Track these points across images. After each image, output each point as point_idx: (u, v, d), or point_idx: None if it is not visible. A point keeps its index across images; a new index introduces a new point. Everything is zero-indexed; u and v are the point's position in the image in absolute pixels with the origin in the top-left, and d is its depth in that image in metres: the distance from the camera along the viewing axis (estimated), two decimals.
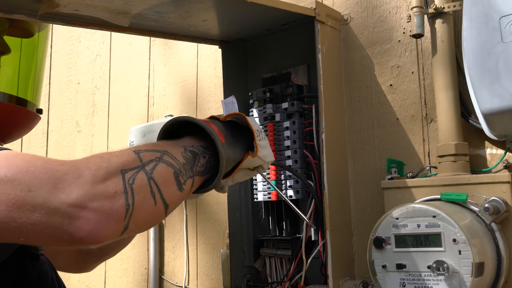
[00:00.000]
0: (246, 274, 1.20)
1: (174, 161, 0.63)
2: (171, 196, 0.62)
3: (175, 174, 0.63)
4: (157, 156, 0.62)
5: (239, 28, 1.16)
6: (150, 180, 0.60)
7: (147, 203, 0.59)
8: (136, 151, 0.61)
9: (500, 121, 0.88)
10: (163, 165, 0.62)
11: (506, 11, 0.84)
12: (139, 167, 0.59)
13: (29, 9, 0.83)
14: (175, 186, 0.63)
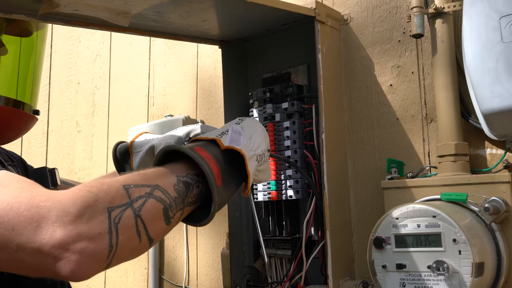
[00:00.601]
0: (246, 274, 1.20)
1: (165, 196, 0.62)
2: (157, 232, 0.62)
3: (164, 210, 0.62)
4: (147, 192, 0.60)
5: (239, 28, 1.16)
6: (137, 218, 0.58)
7: (132, 241, 0.59)
8: (125, 186, 0.59)
9: (500, 121, 0.88)
10: (152, 201, 0.60)
11: (506, 11, 0.84)
12: (127, 204, 0.58)
13: (29, 9, 0.83)
14: (163, 221, 0.62)
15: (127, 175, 0.62)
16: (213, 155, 0.69)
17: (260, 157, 0.76)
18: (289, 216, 1.15)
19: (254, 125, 0.79)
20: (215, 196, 0.65)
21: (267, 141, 0.80)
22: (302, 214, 1.13)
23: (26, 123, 0.97)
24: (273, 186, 1.12)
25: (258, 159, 0.76)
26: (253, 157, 0.74)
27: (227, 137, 0.73)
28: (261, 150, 0.77)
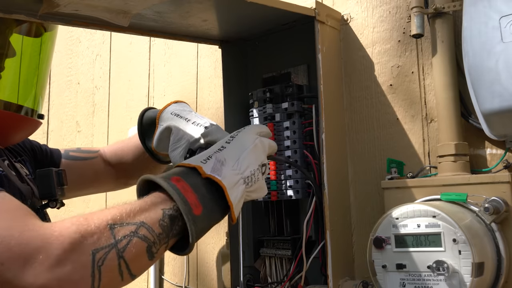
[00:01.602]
0: (246, 274, 1.20)
1: (149, 234, 0.62)
2: (139, 268, 0.63)
3: (148, 248, 0.62)
4: (132, 231, 0.61)
5: (239, 28, 1.16)
6: (120, 259, 0.59)
7: (114, 281, 0.60)
8: (111, 226, 0.60)
9: (500, 121, 0.88)
10: (137, 241, 0.61)
11: (506, 11, 0.84)
12: (111, 245, 0.59)
13: (29, 9, 0.83)
14: (146, 258, 0.63)
15: (114, 210, 0.62)
16: (191, 183, 0.67)
17: (249, 178, 0.74)
18: (289, 216, 1.14)
19: (245, 143, 0.76)
20: (191, 229, 0.65)
21: (260, 157, 0.77)
22: (302, 214, 1.13)
23: (31, 127, 0.98)
24: (273, 186, 1.12)
25: (247, 181, 0.74)
26: (239, 181, 0.72)
27: (210, 163, 0.71)
28: (250, 170, 0.74)
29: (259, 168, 0.76)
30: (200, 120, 0.87)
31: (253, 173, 0.75)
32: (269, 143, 0.81)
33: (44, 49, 1.00)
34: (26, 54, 0.96)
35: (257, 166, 0.76)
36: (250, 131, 0.79)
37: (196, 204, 0.66)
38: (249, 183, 0.74)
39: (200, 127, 0.86)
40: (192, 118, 0.88)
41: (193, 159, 0.73)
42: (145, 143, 0.97)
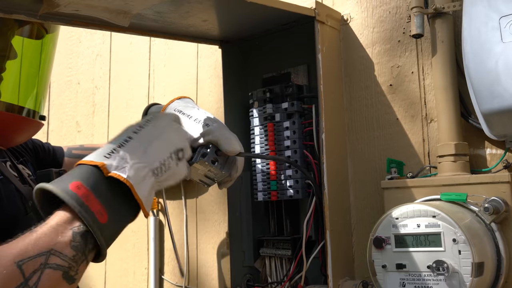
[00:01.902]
0: (246, 274, 1.20)
1: (62, 260, 0.59)
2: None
3: (64, 274, 0.59)
4: (41, 263, 0.57)
5: (239, 28, 1.16)
6: None
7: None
8: (18, 263, 0.56)
9: (500, 121, 0.88)
10: (49, 272, 0.58)
11: (506, 11, 0.84)
12: (21, 285, 0.55)
13: (29, 9, 0.83)
14: (66, 284, 0.60)
15: (19, 243, 0.58)
16: (94, 188, 0.63)
17: (159, 169, 0.71)
18: (289, 216, 1.15)
19: (153, 132, 0.73)
20: (99, 239, 0.62)
21: (172, 144, 0.74)
22: (302, 214, 1.13)
23: (33, 129, 0.98)
24: (273, 186, 1.12)
25: (156, 172, 0.70)
26: (148, 173, 0.69)
27: (114, 158, 0.67)
28: (160, 161, 0.71)
29: (171, 156, 0.73)
30: (203, 116, 0.86)
31: (163, 163, 0.71)
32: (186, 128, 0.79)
33: (45, 51, 1.00)
34: (27, 56, 0.96)
35: (168, 154, 0.73)
36: (160, 119, 0.76)
37: (101, 211, 0.62)
38: (159, 174, 0.71)
39: (201, 124, 0.85)
40: (194, 115, 0.87)
41: (97, 153, 0.68)
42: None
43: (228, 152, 0.83)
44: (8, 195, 0.83)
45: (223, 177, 0.88)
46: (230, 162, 0.87)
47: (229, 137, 0.83)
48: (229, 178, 0.89)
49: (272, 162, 1.12)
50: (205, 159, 0.82)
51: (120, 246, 1.77)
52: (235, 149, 0.83)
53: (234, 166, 0.87)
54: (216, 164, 0.84)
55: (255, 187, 1.16)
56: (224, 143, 0.82)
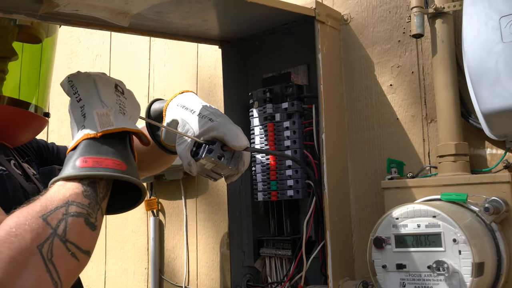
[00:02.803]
0: (246, 274, 1.20)
1: (80, 208, 0.63)
2: (88, 243, 0.64)
3: (86, 221, 0.63)
4: (63, 213, 0.61)
5: (239, 28, 1.16)
6: (66, 243, 0.60)
7: (71, 266, 0.61)
8: (42, 216, 0.60)
9: (500, 121, 0.88)
10: (72, 220, 0.62)
11: (506, 11, 0.84)
12: (52, 235, 0.59)
13: (29, 9, 0.83)
14: (89, 230, 0.64)
15: (38, 201, 0.62)
16: (97, 153, 0.67)
17: (120, 107, 0.74)
18: (289, 216, 1.14)
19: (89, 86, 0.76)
20: (140, 185, 0.67)
21: (108, 85, 0.77)
22: (302, 214, 1.13)
23: (39, 125, 0.98)
24: (273, 186, 1.12)
25: (122, 111, 0.74)
26: (119, 114, 0.73)
27: (92, 122, 0.70)
28: (115, 100, 0.75)
29: (116, 93, 0.77)
30: (206, 111, 0.86)
31: (118, 101, 0.75)
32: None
33: (45, 52, 1.01)
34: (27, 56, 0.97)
35: (113, 92, 0.76)
36: (81, 81, 0.78)
37: (115, 163, 0.67)
38: (125, 112, 0.75)
39: (206, 119, 0.84)
40: (198, 110, 0.86)
41: (74, 136, 0.72)
42: (154, 135, 0.96)
43: (235, 147, 0.82)
44: (13, 189, 0.84)
45: (230, 171, 0.86)
46: (236, 157, 0.85)
47: (236, 132, 0.82)
48: (236, 172, 0.88)
49: (272, 162, 1.12)
50: (211, 155, 0.81)
51: (120, 246, 1.77)
52: (242, 144, 0.82)
53: (241, 160, 0.86)
54: (222, 159, 0.82)
55: (255, 187, 1.16)
56: (230, 139, 0.81)
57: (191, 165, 0.81)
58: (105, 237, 1.83)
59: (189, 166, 0.82)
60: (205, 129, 0.82)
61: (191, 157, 0.81)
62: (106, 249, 1.82)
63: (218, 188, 1.47)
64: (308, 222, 1.06)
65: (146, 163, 1.02)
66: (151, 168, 1.05)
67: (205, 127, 0.82)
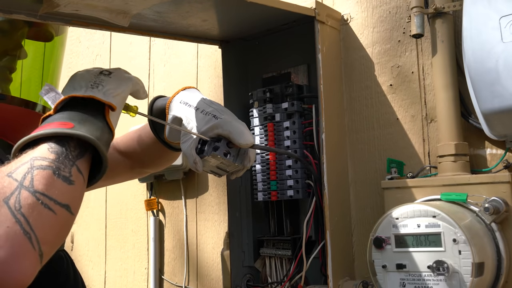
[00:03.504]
0: (246, 274, 1.20)
1: (46, 162, 0.60)
2: (65, 196, 0.60)
3: (55, 172, 0.59)
4: (28, 167, 0.59)
5: (239, 28, 1.16)
6: (35, 194, 0.57)
7: (46, 217, 0.57)
8: (8, 174, 0.58)
9: (500, 121, 0.88)
10: (39, 172, 0.59)
11: (506, 11, 0.84)
12: (18, 187, 0.56)
13: (29, 9, 0.83)
14: (62, 182, 0.60)
15: (4, 166, 0.60)
16: (56, 118, 0.66)
17: (95, 83, 0.72)
18: (289, 216, 1.15)
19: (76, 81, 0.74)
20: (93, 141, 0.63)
21: (91, 72, 0.76)
22: (302, 214, 1.13)
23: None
24: (273, 186, 1.12)
25: (92, 86, 0.72)
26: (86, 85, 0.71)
27: (49, 97, 0.69)
28: (90, 81, 0.72)
29: (97, 76, 0.74)
30: (210, 107, 0.84)
31: (95, 80, 0.73)
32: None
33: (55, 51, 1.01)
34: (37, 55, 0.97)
35: (94, 76, 0.74)
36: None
37: (63, 124, 0.64)
38: (94, 85, 0.72)
39: (210, 116, 0.83)
40: (201, 107, 0.85)
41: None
42: (157, 133, 0.95)
43: (242, 145, 0.80)
44: None
45: (235, 168, 0.86)
46: (242, 153, 0.85)
47: (242, 130, 0.80)
48: (241, 167, 0.87)
49: (272, 162, 1.12)
50: (217, 152, 0.80)
51: (120, 246, 1.77)
52: (248, 142, 0.80)
53: (247, 156, 0.85)
54: (228, 156, 0.82)
55: (255, 187, 1.16)
56: (236, 136, 0.79)
57: (196, 163, 0.80)
58: (105, 237, 1.83)
59: (195, 164, 0.81)
60: (209, 126, 0.81)
61: (196, 155, 0.81)
62: (106, 249, 1.82)
63: (218, 188, 1.47)
64: (308, 222, 1.06)
65: (150, 160, 1.02)
66: (155, 165, 1.04)
67: (210, 124, 0.81)
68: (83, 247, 1.92)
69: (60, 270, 0.79)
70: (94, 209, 1.90)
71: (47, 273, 0.76)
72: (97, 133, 0.65)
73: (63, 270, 0.80)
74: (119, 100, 0.73)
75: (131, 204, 1.75)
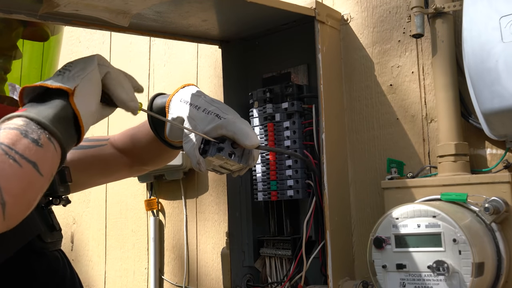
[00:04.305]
0: (246, 274, 1.20)
1: (13, 124, 0.60)
2: (32, 153, 0.58)
3: (22, 133, 0.59)
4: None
5: (239, 28, 1.16)
6: (0, 145, 0.56)
7: (11, 168, 0.55)
8: None
9: (500, 121, 0.88)
10: (6, 130, 0.58)
11: (506, 11, 0.84)
12: None
13: (29, 9, 0.83)
14: (30, 142, 0.59)
15: None
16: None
17: (63, 69, 0.71)
18: (289, 216, 1.15)
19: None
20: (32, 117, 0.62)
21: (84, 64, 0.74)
22: (302, 214, 1.13)
23: None
24: (273, 186, 1.12)
25: (60, 72, 0.71)
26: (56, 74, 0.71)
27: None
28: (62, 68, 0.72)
29: (65, 65, 0.73)
30: (212, 106, 0.83)
31: (62, 68, 0.72)
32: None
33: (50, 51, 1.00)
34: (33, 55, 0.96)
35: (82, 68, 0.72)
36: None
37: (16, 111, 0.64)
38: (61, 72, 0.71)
39: (212, 115, 0.82)
40: (203, 105, 0.83)
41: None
42: (157, 131, 0.94)
43: (247, 146, 0.78)
44: None
45: (240, 168, 0.85)
46: (247, 153, 0.83)
47: (247, 131, 0.78)
48: (245, 166, 0.86)
49: (272, 162, 1.12)
50: (222, 153, 0.79)
51: (120, 246, 1.77)
52: (254, 143, 0.78)
53: (251, 156, 0.83)
54: (233, 157, 0.81)
55: (255, 187, 1.16)
56: (242, 138, 0.78)
57: (200, 164, 0.80)
58: (105, 237, 1.83)
59: (198, 165, 0.80)
60: (213, 126, 0.79)
61: (200, 156, 0.79)
62: (106, 249, 1.82)
63: (218, 188, 1.47)
64: (308, 222, 1.06)
65: (149, 158, 1.01)
66: (154, 163, 1.04)
67: (213, 124, 0.80)
68: (83, 247, 1.93)
69: (56, 270, 0.79)
70: (94, 209, 1.90)
71: (44, 272, 0.76)
72: (48, 111, 0.64)
73: (59, 270, 0.80)
74: (90, 79, 0.71)
75: (131, 204, 1.75)
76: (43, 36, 0.97)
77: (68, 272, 0.82)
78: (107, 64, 0.75)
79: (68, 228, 1.99)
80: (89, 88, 0.71)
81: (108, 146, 1.06)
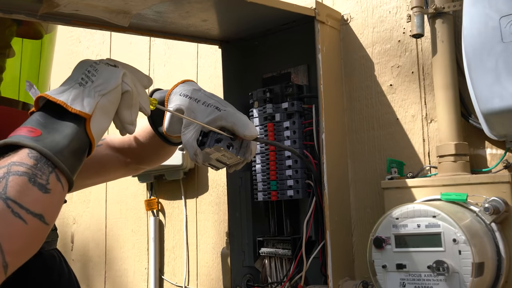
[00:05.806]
0: (246, 274, 1.20)
1: (23, 167, 0.57)
2: (41, 207, 0.57)
3: (31, 180, 0.57)
4: (4, 172, 0.56)
5: (239, 28, 1.16)
6: (6, 201, 0.54)
7: (15, 227, 0.54)
8: None
9: (500, 121, 0.88)
10: (14, 178, 0.56)
11: (506, 11, 0.84)
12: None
13: (28, 9, 0.83)
14: (38, 191, 0.57)
15: None
16: (27, 123, 0.64)
17: (84, 78, 0.70)
18: (289, 216, 1.15)
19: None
20: (37, 148, 0.59)
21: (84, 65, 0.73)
22: (302, 214, 1.13)
23: None
24: (273, 186, 1.12)
25: (82, 82, 0.70)
26: (73, 85, 0.70)
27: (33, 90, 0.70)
28: (82, 72, 0.70)
29: (88, 68, 0.72)
30: (211, 99, 0.82)
31: (85, 75, 0.71)
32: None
33: (44, 49, 1.00)
34: (27, 54, 0.96)
35: (84, 69, 0.72)
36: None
37: (30, 130, 0.62)
38: (87, 82, 0.70)
39: (212, 107, 0.82)
40: (202, 99, 0.84)
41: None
42: (155, 127, 0.94)
43: (247, 137, 0.79)
44: None
45: (236, 161, 0.85)
46: (245, 146, 0.84)
47: (246, 121, 0.79)
48: (242, 160, 0.86)
49: (272, 162, 1.12)
50: (221, 144, 0.79)
51: (120, 246, 1.77)
52: (253, 133, 0.78)
53: (248, 149, 0.84)
54: (231, 148, 0.81)
55: (255, 187, 1.16)
56: (241, 128, 0.78)
57: (197, 155, 0.79)
58: (105, 237, 1.83)
59: (195, 156, 0.80)
60: (212, 118, 0.79)
61: (197, 147, 0.80)
62: (106, 249, 1.82)
63: (218, 188, 1.47)
64: (308, 222, 1.06)
65: (146, 155, 1.01)
66: (151, 160, 1.03)
67: (212, 116, 0.79)
68: (83, 247, 1.93)
69: (52, 268, 0.79)
70: (94, 209, 1.90)
71: (39, 270, 0.76)
72: (64, 142, 0.62)
73: (56, 268, 0.80)
74: (111, 100, 0.69)
75: (131, 204, 1.75)
76: (36, 35, 0.97)
77: (66, 271, 0.82)
78: (129, 82, 0.72)
79: (68, 228, 1.99)
80: (108, 109, 0.69)
81: (103, 147, 1.06)
